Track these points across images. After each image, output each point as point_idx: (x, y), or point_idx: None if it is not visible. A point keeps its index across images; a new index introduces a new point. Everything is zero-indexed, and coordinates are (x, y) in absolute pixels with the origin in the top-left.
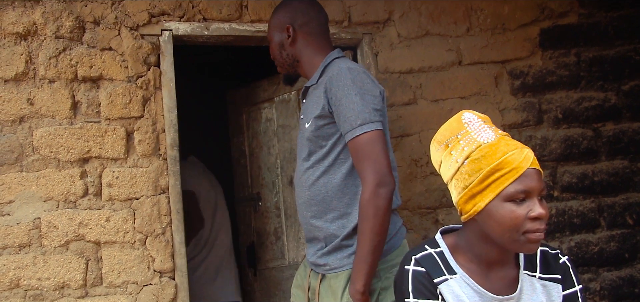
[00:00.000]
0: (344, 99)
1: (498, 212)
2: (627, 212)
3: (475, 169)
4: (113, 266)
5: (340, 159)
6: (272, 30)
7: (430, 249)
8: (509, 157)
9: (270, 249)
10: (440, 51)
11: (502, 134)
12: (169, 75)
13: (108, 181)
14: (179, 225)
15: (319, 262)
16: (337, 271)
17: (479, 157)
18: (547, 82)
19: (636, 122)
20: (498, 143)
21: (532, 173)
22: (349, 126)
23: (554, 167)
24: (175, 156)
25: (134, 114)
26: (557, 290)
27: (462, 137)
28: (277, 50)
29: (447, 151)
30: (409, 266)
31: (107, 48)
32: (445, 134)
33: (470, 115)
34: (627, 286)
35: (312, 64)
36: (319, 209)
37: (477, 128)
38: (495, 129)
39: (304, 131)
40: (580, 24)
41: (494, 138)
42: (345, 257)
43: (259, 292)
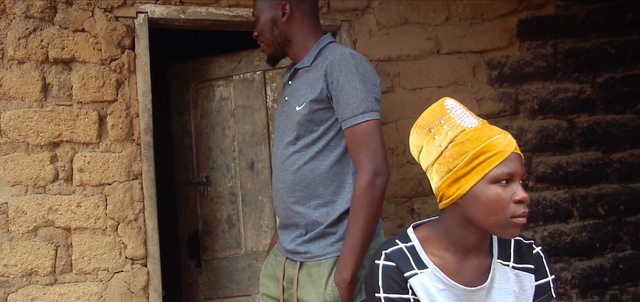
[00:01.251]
0: (347, 85)
1: (484, 195)
2: (599, 203)
3: (460, 152)
4: (83, 253)
5: (330, 145)
6: (262, 5)
7: (401, 243)
8: (494, 140)
9: (221, 238)
10: (419, 40)
11: (483, 120)
12: (144, 59)
13: (79, 166)
14: (152, 211)
15: (298, 250)
16: (320, 259)
17: (464, 140)
18: (524, 73)
19: (610, 114)
20: (482, 128)
21: (515, 157)
22: (350, 113)
23: (529, 157)
24: (149, 141)
25: (107, 97)
26: (530, 280)
27: (446, 122)
28: (267, 27)
29: (429, 135)
30: (379, 260)
31: (79, 29)
32: (428, 119)
33: (453, 102)
34: (597, 275)
35: (303, 45)
36: (302, 194)
37: (460, 114)
38: (477, 116)
39: (292, 113)
40: (558, 16)
41: (477, 123)
42: (328, 245)
43: (204, 284)
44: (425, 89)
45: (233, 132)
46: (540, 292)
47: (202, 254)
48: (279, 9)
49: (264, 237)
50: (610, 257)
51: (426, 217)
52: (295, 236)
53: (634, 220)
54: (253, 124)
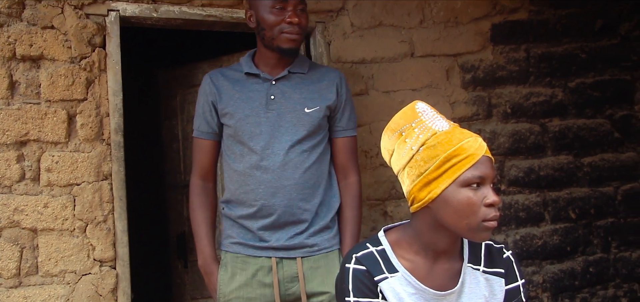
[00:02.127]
0: (351, 102)
1: (455, 198)
2: (570, 206)
3: (431, 156)
4: (50, 255)
5: (325, 149)
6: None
7: (372, 247)
8: (465, 144)
9: None
10: (393, 42)
11: (454, 124)
12: (115, 58)
13: (47, 166)
14: (121, 213)
15: (305, 243)
16: (328, 250)
17: (435, 144)
18: (497, 77)
19: (581, 118)
20: (453, 131)
21: (486, 160)
22: (351, 125)
23: (501, 161)
24: (119, 141)
25: (77, 96)
26: (500, 284)
27: (417, 125)
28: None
29: (401, 139)
30: (349, 264)
31: (48, 26)
32: (399, 122)
33: (424, 105)
34: (568, 279)
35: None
36: (309, 192)
37: (431, 117)
38: (448, 120)
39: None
40: (530, 21)
41: (448, 126)
42: (332, 238)
43: (191, 284)
44: (399, 91)
45: None
46: (510, 296)
47: (189, 255)
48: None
49: None
50: (580, 261)
51: (399, 220)
52: (296, 233)
53: (603, 224)
54: None
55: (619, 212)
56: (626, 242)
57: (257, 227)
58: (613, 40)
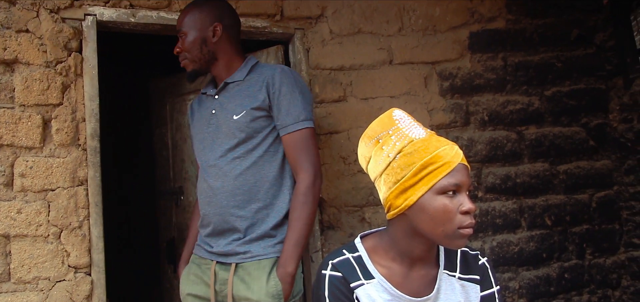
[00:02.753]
0: (289, 95)
1: (431, 206)
2: (546, 213)
3: (407, 163)
4: (23, 261)
5: (269, 151)
6: (192, 24)
7: (348, 253)
8: (441, 151)
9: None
10: (372, 49)
11: (431, 131)
12: (92, 63)
13: (21, 171)
14: (97, 218)
15: (237, 250)
16: (261, 258)
17: (411, 151)
18: (475, 85)
19: (557, 126)
20: (430, 139)
21: (462, 168)
22: (291, 119)
23: (479, 168)
24: (95, 146)
25: (52, 101)
26: (476, 290)
27: (394, 133)
28: (196, 45)
29: (378, 146)
30: (325, 270)
31: (23, 30)
32: (376, 129)
33: (401, 113)
34: (544, 285)
35: (230, 64)
36: (243, 198)
37: (408, 124)
38: (425, 128)
39: (227, 123)
40: (508, 30)
41: (425, 134)
42: (269, 246)
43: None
44: (377, 98)
45: None
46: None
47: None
48: (211, 29)
49: None
50: (556, 267)
51: (377, 227)
52: (232, 239)
53: (579, 230)
54: None
55: (593, 219)
56: (600, 248)
57: (204, 235)
58: (588, 50)
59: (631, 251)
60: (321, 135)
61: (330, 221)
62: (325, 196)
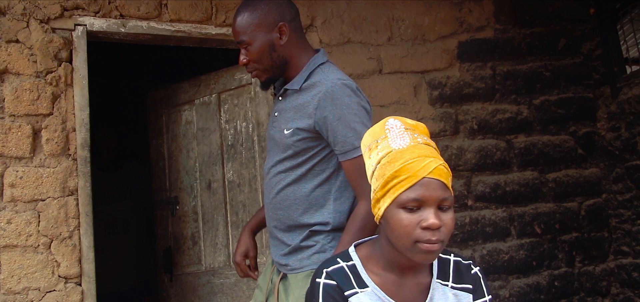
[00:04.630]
0: (342, 121)
1: (392, 219)
2: (535, 221)
3: (380, 174)
4: (13, 272)
5: (313, 171)
6: (254, 30)
7: (342, 262)
8: (408, 164)
9: (187, 254)
10: (362, 59)
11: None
12: (82, 73)
13: (10, 181)
14: (87, 228)
15: (281, 262)
16: (297, 271)
17: (385, 163)
18: (464, 94)
19: (546, 135)
20: (405, 151)
21: (429, 182)
22: (350, 146)
23: (468, 176)
24: (85, 156)
25: (42, 111)
26: (468, 300)
27: (381, 142)
28: (265, 53)
29: (368, 153)
30: (320, 279)
31: (13, 40)
32: (368, 138)
33: (394, 122)
34: (533, 293)
35: (298, 65)
36: (284, 214)
37: (396, 134)
38: (416, 137)
39: (280, 133)
40: (496, 39)
41: (406, 145)
42: (305, 258)
43: (175, 298)
44: None
45: (196, 153)
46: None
47: (174, 269)
48: (276, 31)
49: (219, 254)
50: (546, 275)
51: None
52: (279, 249)
53: (568, 238)
54: (210, 145)
55: (583, 227)
56: (590, 256)
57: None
58: (576, 59)
59: (620, 258)
60: None
61: None
62: None
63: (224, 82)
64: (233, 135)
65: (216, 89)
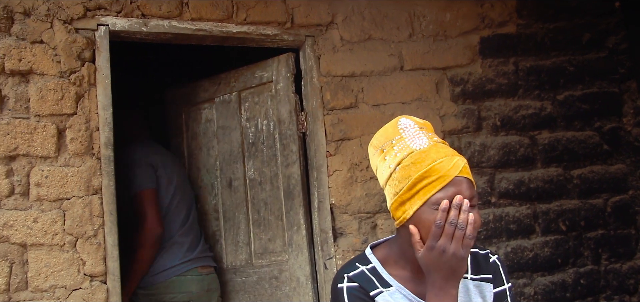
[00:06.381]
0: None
1: (426, 219)
2: (560, 218)
3: (405, 176)
4: (40, 270)
5: None
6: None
7: (361, 266)
8: (437, 165)
9: None
10: (383, 56)
11: (437, 141)
12: (105, 72)
13: (36, 180)
14: (112, 227)
15: None
16: None
17: (409, 163)
18: (487, 90)
19: (570, 131)
20: (429, 150)
21: (460, 181)
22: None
23: (491, 173)
24: (109, 155)
25: (66, 110)
26: (489, 289)
27: (397, 143)
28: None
29: (382, 155)
30: (342, 284)
31: (38, 41)
32: (380, 139)
33: (407, 121)
34: (559, 291)
35: None
36: None
37: (412, 134)
38: (431, 136)
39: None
40: (519, 34)
41: (426, 145)
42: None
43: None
44: (388, 104)
45: (216, 151)
46: (497, 299)
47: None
48: None
49: (240, 252)
50: (571, 273)
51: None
52: None
53: (594, 235)
54: (230, 143)
55: (609, 224)
56: (616, 254)
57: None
58: (601, 54)
59: None
60: (333, 142)
61: (343, 228)
62: (337, 202)
63: (244, 80)
64: (254, 133)
65: (236, 87)
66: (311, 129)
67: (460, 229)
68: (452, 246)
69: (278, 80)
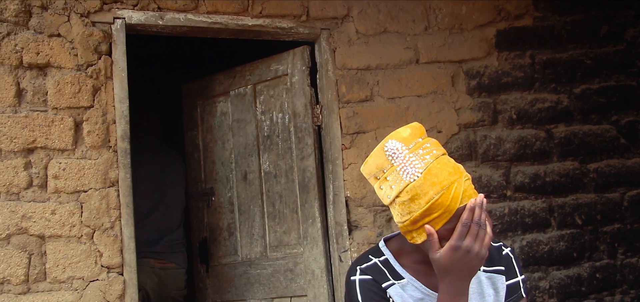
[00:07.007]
0: None
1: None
2: (576, 212)
3: (406, 211)
4: (58, 261)
5: None
6: None
7: (374, 258)
8: (437, 201)
9: (223, 245)
10: (398, 49)
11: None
12: (121, 65)
13: (54, 173)
14: (128, 219)
15: None
16: None
17: (407, 199)
18: (502, 83)
19: (587, 124)
20: (424, 182)
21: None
22: None
23: (507, 167)
24: (126, 148)
25: (83, 103)
26: (502, 281)
27: (389, 173)
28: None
29: (376, 183)
30: (355, 276)
31: (55, 34)
32: (371, 168)
33: (394, 144)
34: (574, 285)
35: None
36: None
37: (403, 162)
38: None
39: None
40: (535, 27)
41: (420, 173)
42: None
43: (211, 288)
44: (404, 97)
45: (231, 145)
46: (510, 292)
47: (210, 261)
48: None
49: (255, 245)
50: (587, 267)
51: None
52: None
53: (610, 230)
54: (245, 136)
55: (625, 218)
56: (633, 248)
57: None
58: (618, 46)
59: None
60: (348, 135)
61: (358, 221)
62: (352, 195)
63: (259, 73)
64: (269, 127)
65: (251, 80)
66: (326, 122)
67: (482, 228)
68: (476, 245)
69: (293, 73)
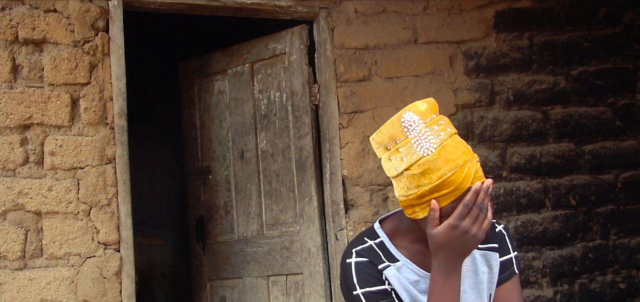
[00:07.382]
0: None
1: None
2: (570, 193)
3: (414, 184)
4: (54, 237)
5: None
6: None
7: (370, 240)
8: (449, 179)
9: (219, 223)
10: (397, 28)
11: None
12: (118, 42)
13: (51, 149)
14: (125, 196)
15: None
16: None
17: (418, 173)
18: (500, 64)
19: (583, 106)
20: (437, 159)
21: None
22: None
23: (503, 147)
24: (123, 125)
25: (80, 80)
26: (495, 258)
27: (401, 145)
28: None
29: (386, 154)
30: (350, 258)
31: (51, 10)
32: (383, 137)
33: (411, 116)
34: (567, 264)
35: None
36: None
37: (418, 135)
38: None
39: None
40: (534, 9)
41: (434, 149)
42: None
43: (207, 266)
44: (402, 77)
45: (228, 123)
46: (503, 268)
47: (206, 238)
48: None
49: (252, 223)
50: (580, 247)
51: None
52: None
53: (603, 211)
54: (243, 115)
55: (618, 200)
56: (625, 229)
57: None
58: (616, 29)
59: None
60: (345, 114)
61: (354, 200)
62: (349, 174)
63: (257, 52)
64: (266, 105)
65: (249, 59)
66: (324, 101)
67: (483, 212)
68: (474, 227)
69: (291, 52)
